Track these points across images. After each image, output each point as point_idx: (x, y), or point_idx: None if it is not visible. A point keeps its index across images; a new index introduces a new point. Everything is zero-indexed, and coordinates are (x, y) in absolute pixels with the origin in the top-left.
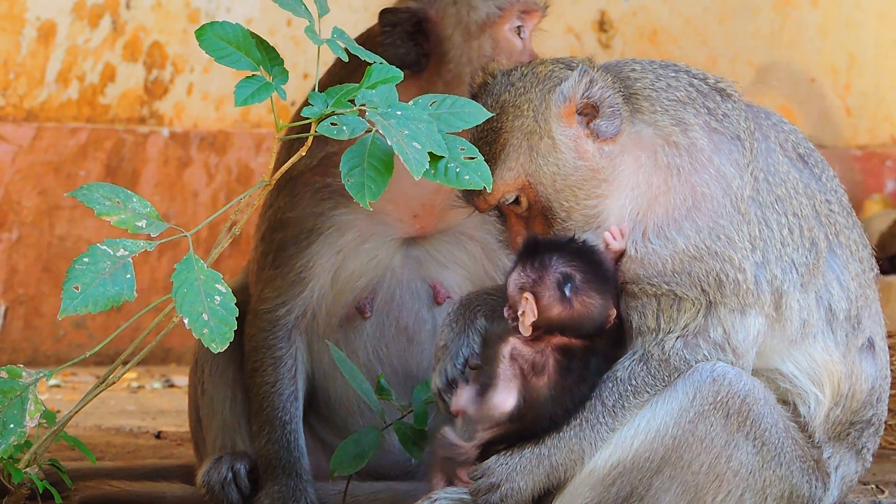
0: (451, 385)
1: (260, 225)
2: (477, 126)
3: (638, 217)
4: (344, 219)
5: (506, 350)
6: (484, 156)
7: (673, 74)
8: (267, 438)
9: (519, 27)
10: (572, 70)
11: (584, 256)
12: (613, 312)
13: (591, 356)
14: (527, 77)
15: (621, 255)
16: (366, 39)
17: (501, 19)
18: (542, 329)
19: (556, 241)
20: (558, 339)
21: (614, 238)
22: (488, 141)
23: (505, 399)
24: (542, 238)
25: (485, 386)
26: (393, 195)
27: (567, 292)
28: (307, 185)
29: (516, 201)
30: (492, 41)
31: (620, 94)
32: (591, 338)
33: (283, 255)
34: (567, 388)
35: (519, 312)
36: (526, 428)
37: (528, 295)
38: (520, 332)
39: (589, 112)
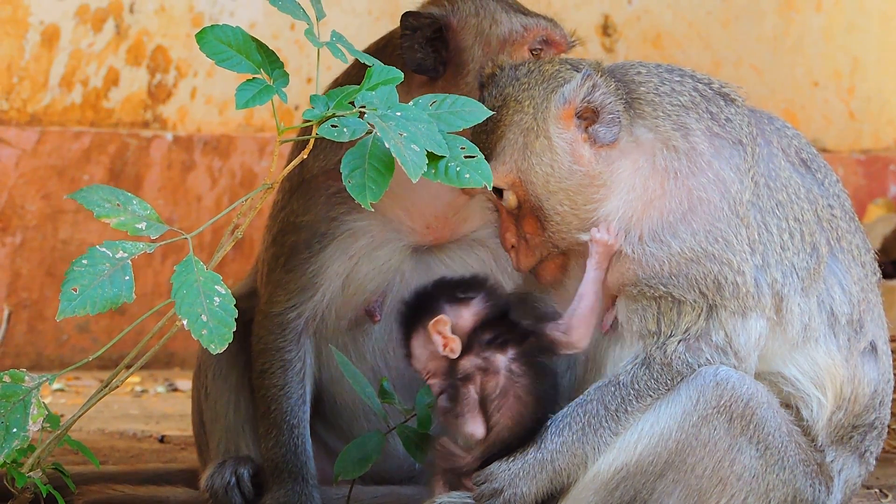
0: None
1: (271, 226)
2: None
3: (633, 220)
4: (358, 224)
5: (458, 377)
6: (480, 146)
7: (678, 79)
8: (274, 442)
9: (539, 51)
10: (578, 72)
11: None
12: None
13: (518, 329)
14: (532, 74)
15: (614, 254)
16: (388, 42)
17: (524, 39)
18: (472, 334)
19: (419, 292)
20: (487, 335)
21: (599, 232)
22: (486, 131)
23: (475, 428)
24: (408, 302)
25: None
26: (407, 205)
27: (460, 294)
28: (321, 188)
29: (501, 196)
30: (510, 59)
31: (623, 98)
32: (509, 314)
33: (296, 258)
34: (525, 374)
35: (440, 347)
36: (518, 427)
37: (431, 325)
38: (455, 360)
39: (588, 116)
